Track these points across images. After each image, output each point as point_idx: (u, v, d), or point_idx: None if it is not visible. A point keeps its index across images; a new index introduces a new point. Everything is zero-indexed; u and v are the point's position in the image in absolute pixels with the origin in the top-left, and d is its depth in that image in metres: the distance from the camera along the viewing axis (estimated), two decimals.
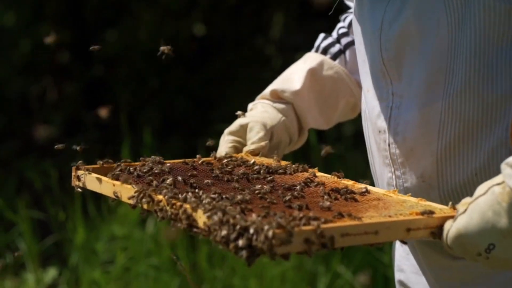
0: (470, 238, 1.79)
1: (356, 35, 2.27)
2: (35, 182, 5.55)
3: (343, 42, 2.50)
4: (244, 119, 2.41)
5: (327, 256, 4.92)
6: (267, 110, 2.44)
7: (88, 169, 2.16)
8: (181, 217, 1.85)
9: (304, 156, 4.56)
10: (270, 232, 1.67)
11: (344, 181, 2.11)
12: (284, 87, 2.46)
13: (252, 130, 2.37)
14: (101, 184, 2.11)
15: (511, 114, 2.03)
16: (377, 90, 2.18)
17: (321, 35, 2.54)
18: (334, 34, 2.53)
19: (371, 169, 2.29)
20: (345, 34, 2.50)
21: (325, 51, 2.50)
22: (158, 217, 1.91)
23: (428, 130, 2.09)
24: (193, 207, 1.83)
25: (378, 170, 2.23)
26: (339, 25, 2.54)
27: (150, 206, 1.94)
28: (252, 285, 4.81)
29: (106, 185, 2.10)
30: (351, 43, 2.47)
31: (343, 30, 2.51)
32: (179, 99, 7.48)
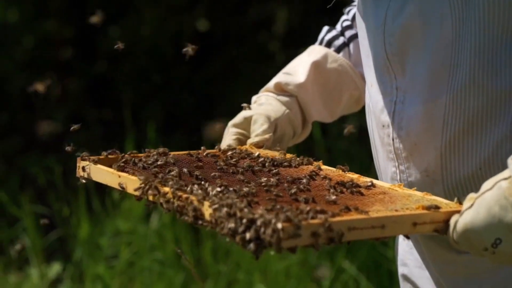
0: (477, 233, 1.79)
1: (360, 30, 2.26)
2: (39, 178, 5.55)
3: (347, 35, 2.49)
4: (248, 112, 2.40)
5: (332, 251, 4.92)
6: (271, 103, 2.43)
7: (93, 160, 2.15)
8: (188, 210, 1.84)
9: (308, 150, 4.55)
10: (279, 225, 1.67)
11: (349, 175, 2.10)
12: (288, 80, 2.45)
13: (256, 123, 2.36)
14: (106, 175, 2.09)
15: None
16: (381, 85, 2.18)
17: (325, 28, 2.53)
18: (338, 27, 2.52)
19: (375, 164, 2.29)
20: (349, 27, 2.49)
21: (329, 44, 2.50)
22: (164, 209, 1.90)
23: (432, 125, 2.08)
24: (200, 200, 1.83)
25: (382, 165, 2.23)
26: (343, 18, 2.53)
27: (156, 198, 1.93)
28: (257, 280, 4.80)
29: (112, 176, 2.08)
30: (355, 36, 2.46)
31: (347, 23, 2.50)
32: (183, 95, 7.47)
